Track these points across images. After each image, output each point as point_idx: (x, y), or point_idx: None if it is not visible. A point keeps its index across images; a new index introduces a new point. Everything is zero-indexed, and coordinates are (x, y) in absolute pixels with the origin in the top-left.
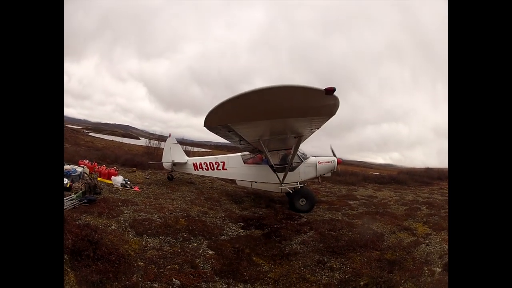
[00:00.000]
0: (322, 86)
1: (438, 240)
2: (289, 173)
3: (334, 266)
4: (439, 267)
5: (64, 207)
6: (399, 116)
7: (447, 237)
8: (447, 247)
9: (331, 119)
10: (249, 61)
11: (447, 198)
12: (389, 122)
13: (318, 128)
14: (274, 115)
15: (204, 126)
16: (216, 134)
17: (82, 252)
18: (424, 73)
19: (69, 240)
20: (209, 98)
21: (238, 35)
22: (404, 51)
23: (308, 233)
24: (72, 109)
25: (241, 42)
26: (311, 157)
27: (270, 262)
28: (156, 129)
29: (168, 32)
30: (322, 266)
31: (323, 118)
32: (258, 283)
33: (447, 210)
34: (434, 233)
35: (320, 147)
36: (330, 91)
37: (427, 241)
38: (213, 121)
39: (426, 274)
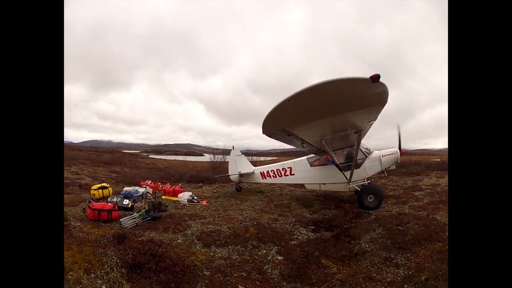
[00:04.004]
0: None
1: None
2: (355, 170)
3: (399, 262)
4: None
5: (126, 226)
6: None
7: None
8: None
9: (389, 109)
10: (301, 61)
11: None
12: (443, 103)
13: (375, 120)
14: (327, 113)
15: (263, 133)
16: (276, 139)
17: (143, 266)
18: None
19: (130, 255)
20: (270, 105)
21: (285, 37)
22: (438, 28)
23: (377, 230)
24: (127, 135)
25: (290, 44)
26: (374, 151)
27: (338, 264)
28: (220, 143)
29: (216, 48)
30: (388, 263)
31: (376, 108)
32: (325, 286)
33: None
34: None
35: (384, 139)
36: (376, 78)
37: None
38: (270, 127)
39: None
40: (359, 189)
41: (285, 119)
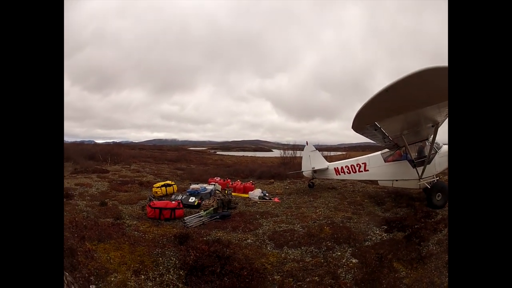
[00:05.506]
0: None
1: None
2: (426, 166)
3: None
4: None
5: (190, 224)
6: None
7: None
8: None
9: None
10: (365, 56)
11: None
12: None
13: None
14: (419, 104)
15: (352, 128)
16: (362, 134)
17: (206, 268)
18: None
19: (191, 256)
20: (338, 101)
21: (346, 33)
22: None
23: (443, 231)
24: (193, 134)
25: (352, 39)
26: (443, 145)
27: (407, 267)
28: (289, 139)
29: (279, 47)
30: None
31: None
32: None
33: None
34: None
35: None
36: None
37: None
38: (361, 121)
39: None
40: (429, 187)
41: (377, 113)
